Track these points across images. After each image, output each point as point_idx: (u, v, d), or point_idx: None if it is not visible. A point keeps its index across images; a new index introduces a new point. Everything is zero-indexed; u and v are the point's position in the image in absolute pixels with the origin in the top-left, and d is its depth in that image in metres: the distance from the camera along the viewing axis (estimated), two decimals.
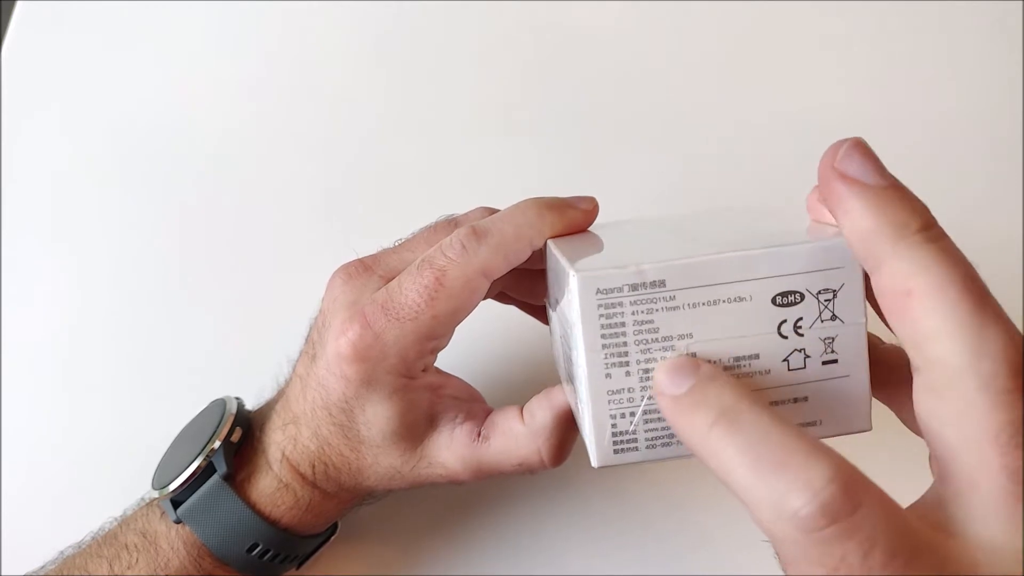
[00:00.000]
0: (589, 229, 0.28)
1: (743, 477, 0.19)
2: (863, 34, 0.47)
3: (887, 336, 0.23)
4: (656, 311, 0.22)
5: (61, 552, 0.31)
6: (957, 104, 0.45)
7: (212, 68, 0.47)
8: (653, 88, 0.46)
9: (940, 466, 0.20)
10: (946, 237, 0.19)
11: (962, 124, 0.45)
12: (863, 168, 0.20)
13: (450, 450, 0.29)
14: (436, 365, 0.30)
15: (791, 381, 0.23)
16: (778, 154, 0.43)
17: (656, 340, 0.22)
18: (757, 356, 0.23)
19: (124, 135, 0.45)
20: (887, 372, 0.24)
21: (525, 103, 0.46)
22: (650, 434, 0.23)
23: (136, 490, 0.32)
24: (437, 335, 0.27)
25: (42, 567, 0.31)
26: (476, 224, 0.27)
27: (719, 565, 0.35)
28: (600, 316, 0.22)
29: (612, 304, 0.22)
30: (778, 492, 0.18)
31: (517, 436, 0.28)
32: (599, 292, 0.22)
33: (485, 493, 0.36)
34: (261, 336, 0.39)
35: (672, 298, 0.22)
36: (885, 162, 0.20)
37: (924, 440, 0.20)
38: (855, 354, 0.23)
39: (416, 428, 0.29)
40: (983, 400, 0.18)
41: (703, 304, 0.22)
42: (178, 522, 0.29)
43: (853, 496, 0.18)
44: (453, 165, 0.44)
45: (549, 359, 0.31)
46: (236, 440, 0.30)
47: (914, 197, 0.20)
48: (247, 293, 0.41)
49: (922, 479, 0.21)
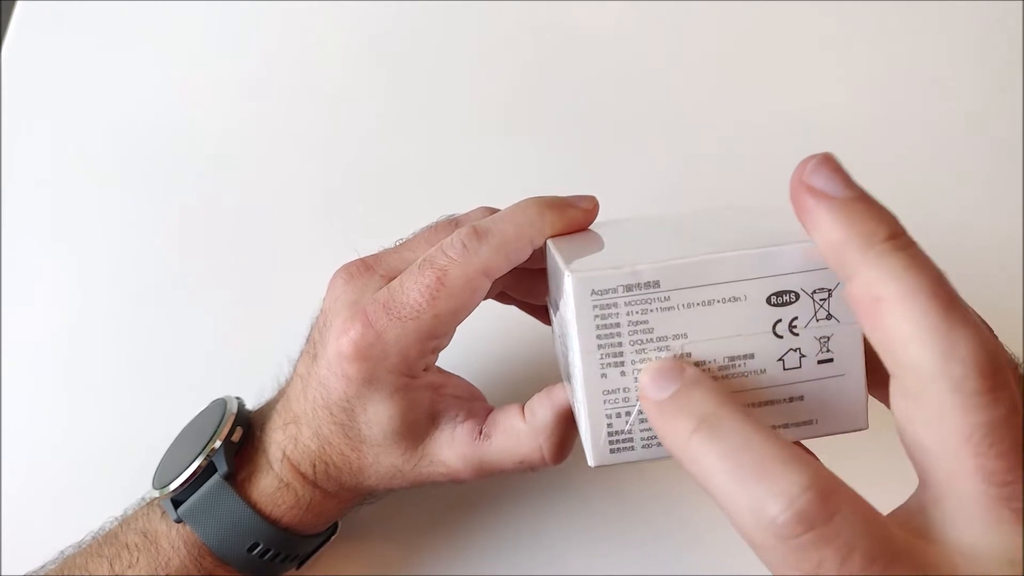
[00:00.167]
0: (590, 228, 0.28)
1: (723, 484, 0.19)
2: (863, 34, 0.47)
3: None
4: (651, 311, 0.22)
5: (61, 552, 0.31)
6: (957, 104, 0.45)
7: (212, 68, 0.47)
8: (653, 88, 0.46)
9: (919, 471, 0.20)
10: (914, 245, 0.20)
11: (962, 124, 0.45)
12: (830, 181, 0.20)
13: (451, 448, 0.29)
14: (437, 364, 0.30)
15: (786, 380, 0.23)
16: (778, 154, 0.43)
17: (651, 340, 0.22)
18: (752, 356, 0.23)
19: (124, 135, 0.45)
20: (884, 371, 0.24)
21: (525, 103, 0.46)
22: (646, 433, 0.23)
23: (136, 490, 0.32)
24: (438, 334, 0.27)
25: (42, 567, 0.31)
26: (477, 224, 0.27)
27: (719, 564, 0.35)
28: (595, 316, 0.22)
29: (607, 305, 0.22)
30: (756, 499, 0.18)
31: (518, 434, 0.28)
32: (594, 293, 0.22)
33: (486, 493, 0.36)
34: (261, 336, 0.39)
35: (667, 298, 0.22)
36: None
37: (903, 446, 0.20)
38: (851, 353, 0.23)
39: (417, 427, 0.29)
40: (955, 403, 0.18)
41: (698, 304, 0.22)
42: (179, 521, 0.29)
43: (829, 503, 0.18)
44: (453, 165, 0.44)
45: (549, 358, 0.31)
46: (237, 440, 0.30)
47: (882, 207, 0.20)
48: (247, 293, 0.41)
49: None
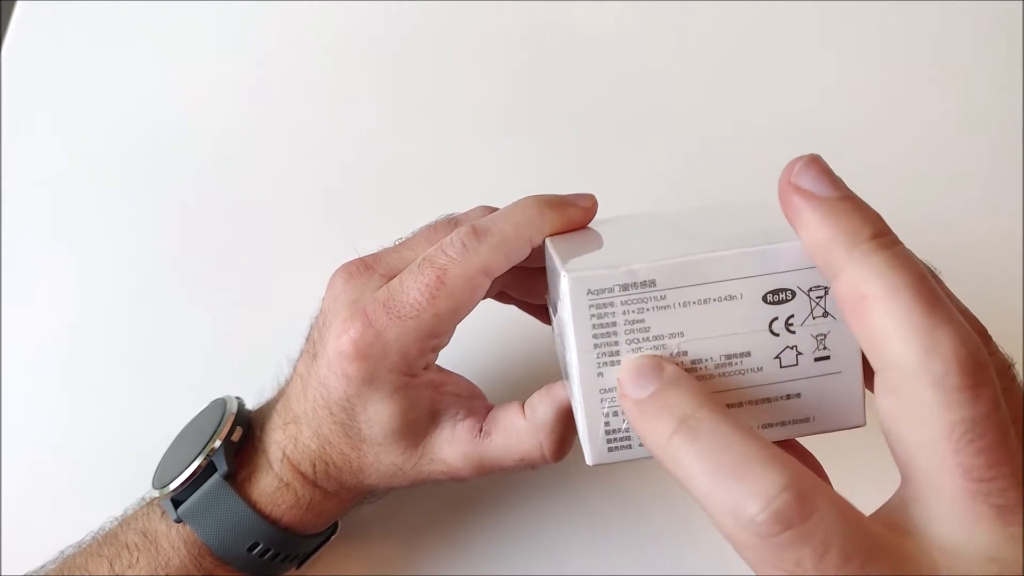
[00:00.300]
0: (589, 226, 0.28)
1: (703, 484, 0.19)
2: (863, 34, 0.47)
3: None
4: (647, 310, 0.22)
5: (61, 552, 0.31)
6: (957, 104, 0.45)
7: (212, 68, 0.47)
8: (653, 88, 0.46)
9: (901, 468, 0.20)
10: (899, 244, 0.20)
11: (962, 124, 0.45)
12: (817, 182, 0.21)
13: (452, 446, 0.29)
14: (437, 363, 0.30)
15: (783, 378, 0.23)
16: (778, 154, 0.43)
17: (647, 339, 0.22)
18: (749, 354, 0.23)
19: (124, 135, 0.45)
20: None
21: (525, 103, 0.46)
22: None
23: (136, 490, 0.32)
24: (438, 333, 0.27)
25: (42, 567, 0.31)
26: (476, 223, 0.27)
27: (719, 564, 0.35)
28: (592, 316, 0.22)
29: (603, 304, 0.22)
30: (735, 499, 0.18)
31: (519, 431, 0.28)
32: (590, 292, 0.22)
33: (485, 492, 0.36)
34: (261, 336, 0.39)
35: (663, 297, 0.22)
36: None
37: (887, 443, 0.20)
38: (847, 350, 0.23)
39: (418, 425, 0.29)
40: (936, 399, 0.18)
41: (694, 303, 0.22)
42: (179, 521, 0.29)
43: (806, 503, 0.18)
44: (453, 165, 0.44)
45: (549, 357, 0.31)
46: (237, 439, 0.30)
47: (867, 207, 0.20)
48: (247, 293, 0.41)
49: None
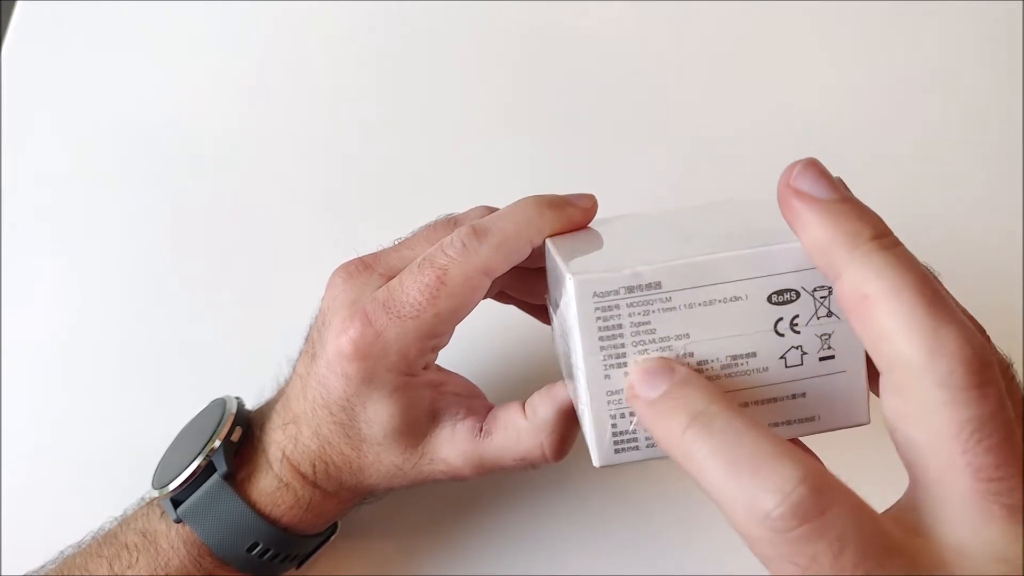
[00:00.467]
0: (588, 226, 0.28)
1: (717, 479, 0.19)
2: (863, 34, 0.47)
3: None
4: (653, 312, 0.22)
5: (61, 552, 0.31)
6: (957, 104, 0.45)
7: (212, 68, 0.47)
8: (653, 88, 0.46)
9: (909, 469, 0.20)
10: (900, 244, 0.20)
11: (962, 124, 0.45)
12: (816, 184, 0.21)
13: (452, 446, 0.29)
14: (437, 363, 0.30)
15: (789, 378, 0.23)
16: (778, 154, 0.43)
17: (653, 341, 0.22)
18: (754, 354, 0.23)
19: (124, 135, 0.45)
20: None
21: (525, 103, 0.46)
22: None
23: (136, 490, 0.32)
24: (438, 333, 0.27)
25: (42, 567, 0.31)
26: (476, 223, 0.27)
27: (719, 564, 0.35)
28: (597, 319, 0.22)
29: (609, 307, 0.22)
30: (750, 494, 0.18)
31: (519, 431, 0.28)
32: (596, 295, 0.22)
33: (485, 492, 0.36)
34: (261, 336, 0.39)
35: (668, 299, 0.22)
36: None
37: (894, 444, 0.20)
38: (851, 349, 0.23)
39: (418, 425, 0.29)
40: (942, 398, 0.18)
41: (699, 304, 0.22)
42: (178, 521, 0.29)
43: (823, 498, 0.18)
44: (453, 165, 0.44)
45: (549, 357, 0.31)
46: (236, 439, 0.30)
47: (867, 208, 0.20)
48: (247, 293, 0.41)
49: None
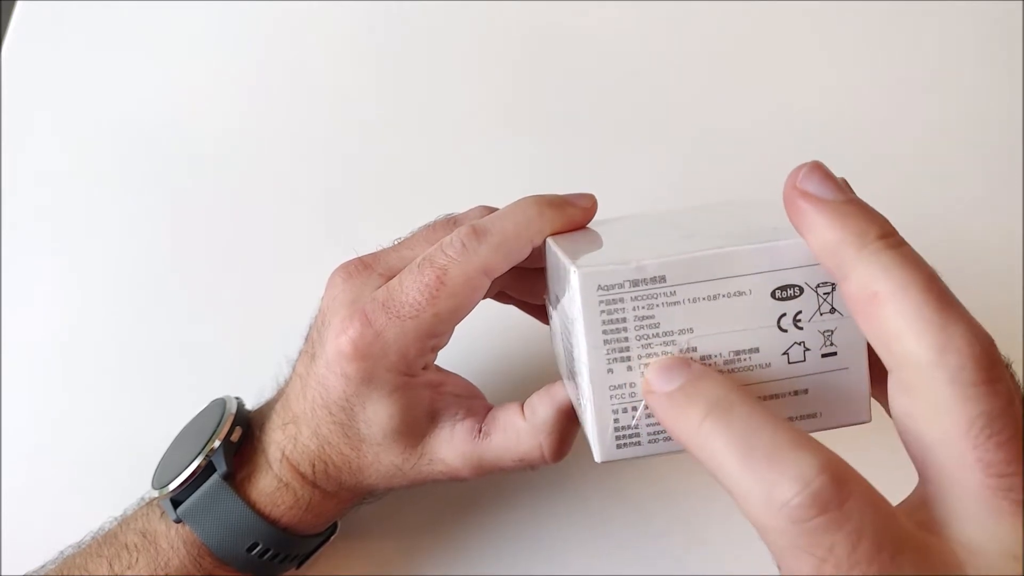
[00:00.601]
0: (588, 226, 0.28)
1: (734, 469, 0.19)
2: (863, 34, 0.47)
3: None
4: (657, 306, 0.22)
5: (61, 552, 0.31)
6: (957, 104, 0.45)
7: (212, 68, 0.47)
8: (653, 88, 0.46)
9: (918, 466, 0.20)
10: (906, 244, 0.20)
11: (962, 124, 0.45)
12: (822, 186, 0.21)
13: (451, 447, 0.29)
14: (436, 363, 0.30)
15: (791, 374, 0.23)
16: (778, 154, 0.43)
17: (657, 335, 0.22)
18: (757, 350, 0.23)
19: (124, 135, 0.45)
20: (882, 367, 0.24)
21: (525, 103, 0.46)
22: (652, 428, 0.23)
23: (136, 490, 0.32)
24: (438, 333, 0.27)
25: (42, 567, 0.31)
26: (476, 223, 0.27)
27: (719, 563, 0.35)
28: (601, 312, 0.22)
29: (613, 300, 0.22)
30: (768, 483, 0.18)
31: (518, 432, 0.28)
32: (600, 288, 0.22)
33: (485, 492, 0.36)
34: (261, 336, 0.39)
35: (672, 293, 0.22)
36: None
37: (902, 442, 0.20)
38: (854, 347, 0.23)
39: (417, 425, 0.29)
40: (952, 394, 0.18)
41: (703, 299, 0.22)
42: (178, 521, 0.29)
43: (842, 487, 0.18)
44: (453, 165, 0.44)
45: (548, 357, 0.31)
46: (236, 439, 0.30)
47: (872, 209, 0.21)
48: (247, 293, 0.41)
49: None
